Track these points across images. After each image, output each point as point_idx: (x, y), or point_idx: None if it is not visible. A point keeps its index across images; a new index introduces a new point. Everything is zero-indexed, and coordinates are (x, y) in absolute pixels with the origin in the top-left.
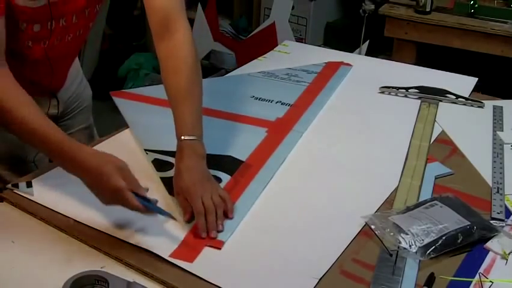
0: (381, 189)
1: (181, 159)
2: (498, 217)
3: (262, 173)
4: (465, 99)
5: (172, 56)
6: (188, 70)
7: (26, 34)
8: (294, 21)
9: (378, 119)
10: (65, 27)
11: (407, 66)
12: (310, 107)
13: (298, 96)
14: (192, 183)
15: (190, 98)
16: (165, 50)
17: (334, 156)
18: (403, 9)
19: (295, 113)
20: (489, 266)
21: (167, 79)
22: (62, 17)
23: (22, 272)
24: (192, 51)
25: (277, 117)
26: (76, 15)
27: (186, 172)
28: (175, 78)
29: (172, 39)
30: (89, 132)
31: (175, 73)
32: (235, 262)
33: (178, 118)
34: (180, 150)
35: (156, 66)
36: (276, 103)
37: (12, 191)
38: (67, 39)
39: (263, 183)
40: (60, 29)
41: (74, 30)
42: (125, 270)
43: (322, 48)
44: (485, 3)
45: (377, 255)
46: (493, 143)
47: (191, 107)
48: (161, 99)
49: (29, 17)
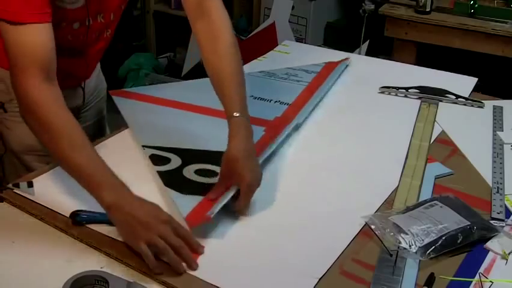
0: (381, 189)
1: (234, 136)
2: (498, 217)
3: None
4: (465, 99)
5: (212, 37)
6: (231, 53)
7: (66, 30)
8: (294, 21)
9: (378, 119)
10: (104, 24)
11: (407, 66)
12: (307, 104)
13: (297, 95)
14: (242, 156)
15: (236, 81)
16: (203, 31)
17: (334, 156)
18: (403, 9)
19: (293, 112)
20: (489, 266)
21: (209, 61)
22: (100, 14)
23: (22, 272)
24: (230, 31)
25: (275, 116)
26: (113, 12)
27: (240, 144)
28: (219, 61)
29: (208, 20)
30: (102, 124)
31: (218, 56)
32: (235, 262)
33: (227, 97)
34: (233, 127)
35: (156, 66)
36: (274, 103)
37: (12, 191)
38: (106, 34)
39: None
40: (99, 25)
41: (112, 27)
42: (125, 270)
43: (322, 48)
44: (485, 3)
45: (377, 255)
46: (493, 143)
47: (238, 88)
48: (160, 98)
49: (69, 17)
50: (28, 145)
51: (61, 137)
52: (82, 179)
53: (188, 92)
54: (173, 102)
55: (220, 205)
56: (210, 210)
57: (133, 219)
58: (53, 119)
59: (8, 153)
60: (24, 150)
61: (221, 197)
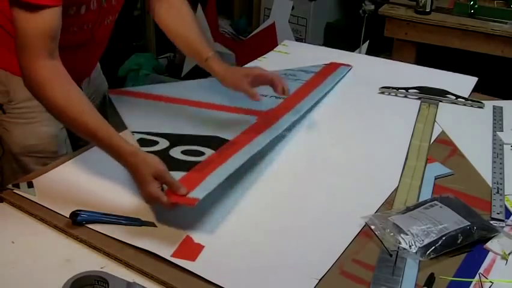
0: (381, 189)
1: (220, 64)
2: (498, 217)
3: (248, 148)
4: (465, 100)
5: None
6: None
7: (72, 19)
8: (294, 21)
9: (378, 119)
10: (107, 9)
11: (407, 66)
12: (304, 100)
13: (293, 91)
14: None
15: (200, 30)
16: (163, 7)
17: (334, 156)
18: (403, 10)
19: (288, 104)
20: (489, 266)
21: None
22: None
23: (22, 272)
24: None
25: (270, 108)
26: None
27: (231, 68)
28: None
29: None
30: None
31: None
32: (235, 263)
33: (198, 45)
34: (213, 60)
35: (156, 67)
36: (270, 97)
37: (12, 191)
38: (106, 22)
39: (247, 156)
40: (105, 10)
41: (113, 13)
42: (125, 271)
43: (322, 48)
44: (485, 3)
45: (377, 255)
46: (493, 143)
47: (203, 36)
48: (155, 94)
49: (76, 1)
50: (27, 146)
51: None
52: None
53: (185, 90)
54: (167, 97)
55: (206, 191)
56: (194, 192)
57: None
58: (60, 95)
59: (6, 156)
60: (23, 152)
61: (207, 177)
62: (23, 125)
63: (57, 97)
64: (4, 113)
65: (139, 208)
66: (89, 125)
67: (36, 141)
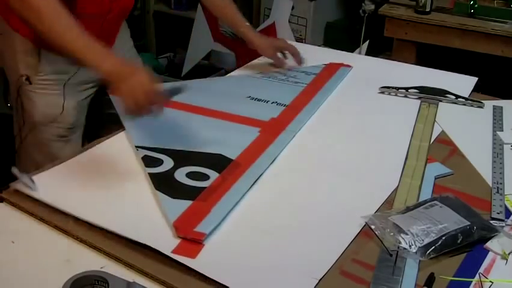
0: (381, 189)
1: (253, 34)
2: (498, 217)
3: (250, 171)
4: (465, 99)
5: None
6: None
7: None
8: (294, 21)
9: (378, 119)
10: None
11: (407, 66)
12: (305, 107)
13: (295, 97)
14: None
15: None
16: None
17: (334, 156)
18: (403, 10)
19: (290, 113)
20: (489, 266)
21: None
22: None
23: (22, 272)
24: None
25: (272, 117)
26: None
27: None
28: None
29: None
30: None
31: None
32: (235, 262)
33: (235, 16)
34: (248, 30)
35: (156, 67)
36: (271, 103)
37: (13, 190)
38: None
39: (251, 181)
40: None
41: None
42: (125, 271)
43: (322, 48)
44: (485, 3)
45: (377, 255)
46: (493, 143)
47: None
48: None
49: None
50: (48, 115)
51: (51, 20)
52: (78, 53)
53: (188, 93)
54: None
55: (212, 225)
56: (201, 225)
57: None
58: (43, 4)
59: (26, 127)
60: (44, 121)
61: (212, 208)
62: (47, 96)
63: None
64: (30, 83)
65: (142, 206)
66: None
67: (57, 110)
